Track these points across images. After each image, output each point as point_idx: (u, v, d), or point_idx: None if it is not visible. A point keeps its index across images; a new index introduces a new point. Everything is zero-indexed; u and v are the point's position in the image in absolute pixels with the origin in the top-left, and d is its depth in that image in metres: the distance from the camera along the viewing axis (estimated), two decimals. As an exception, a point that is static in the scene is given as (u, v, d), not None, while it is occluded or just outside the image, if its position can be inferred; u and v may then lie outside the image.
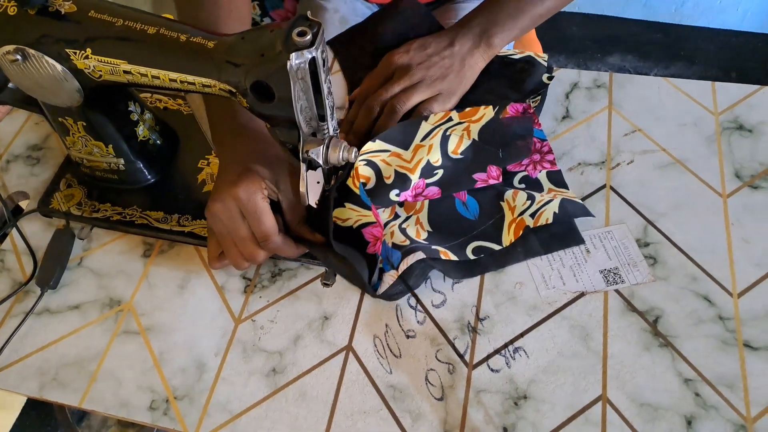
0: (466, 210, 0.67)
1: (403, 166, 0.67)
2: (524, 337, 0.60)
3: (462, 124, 0.68)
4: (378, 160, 0.68)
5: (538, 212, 0.64)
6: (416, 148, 0.68)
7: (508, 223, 0.66)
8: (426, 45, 0.74)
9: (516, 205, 0.66)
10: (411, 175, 0.67)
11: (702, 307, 0.61)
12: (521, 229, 0.64)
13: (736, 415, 0.55)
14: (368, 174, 0.67)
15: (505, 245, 0.65)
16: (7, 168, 0.77)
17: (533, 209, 0.65)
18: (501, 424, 0.56)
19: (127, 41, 0.55)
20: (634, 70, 1.90)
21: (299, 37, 0.49)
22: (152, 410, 0.59)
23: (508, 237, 0.65)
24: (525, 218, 0.65)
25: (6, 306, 0.67)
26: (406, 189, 0.67)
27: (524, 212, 0.65)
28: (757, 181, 0.68)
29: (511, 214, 0.66)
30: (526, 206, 0.65)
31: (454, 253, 0.65)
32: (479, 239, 0.65)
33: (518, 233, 0.64)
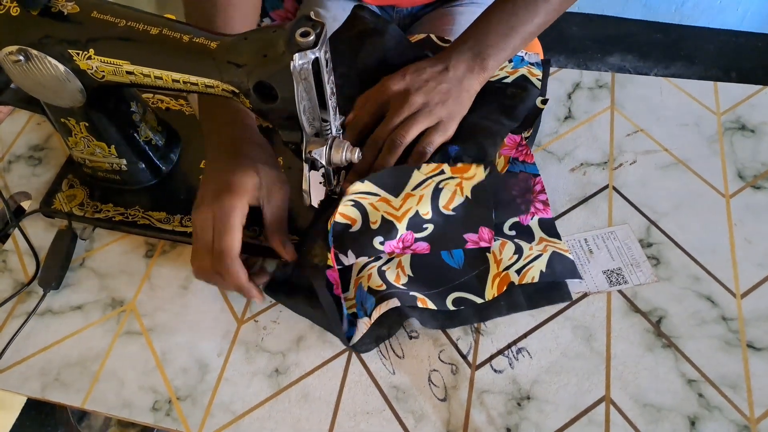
0: (450, 258, 0.64)
1: (390, 213, 0.64)
2: (527, 337, 0.60)
3: (455, 179, 0.65)
4: (366, 203, 0.64)
5: (525, 269, 0.62)
6: (406, 197, 0.65)
7: (493, 276, 0.62)
8: (421, 70, 0.71)
9: (502, 258, 0.63)
10: (398, 224, 0.63)
11: (705, 307, 0.61)
12: (505, 284, 0.61)
13: (739, 415, 0.55)
14: (354, 216, 0.64)
15: (487, 299, 0.61)
16: (9, 168, 0.77)
17: (519, 265, 0.62)
18: (504, 424, 0.56)
19: (130, 42, 0.55)
20: (634, 70, 1.90)
21: (302, 38, 0.49)
22: (155, 411, 0.59)
23: (491, 291, 0.62)
24: (510, 273, 0.61)
25: (8, 306, 0.67)
26: (391, 238, 0.63)
27: (510, 267, 0.62)
28: (759, 181, 0.68)
29: (497, 268, 0.63)
30: (512, 261, 0.62)
31: (433, 302, 0.61)
32: (461, 290, 0.62)
33: (502, 288, 0.61)
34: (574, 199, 0.68)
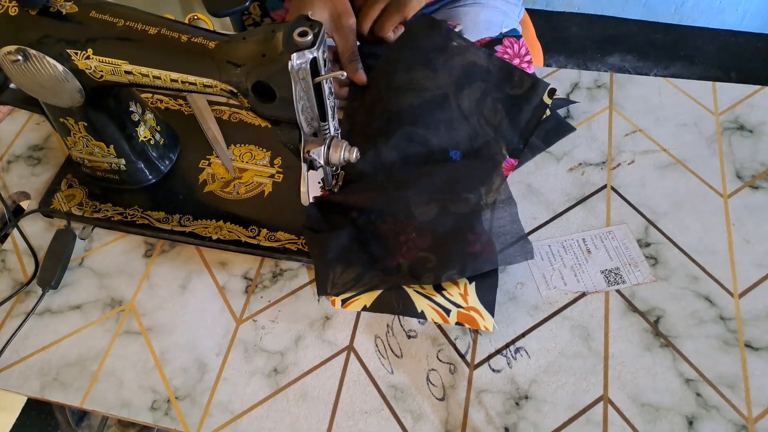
0: None
1: None
2: (525, 337, 0.60)
3: None
4: None
5: None
6: None
7: None
8: None
9: None
10: None
11: (703, 307, 0.61)
12: None
13: (737, 415, 0.55)
14: None
15: None
16: (8, 168, 0.77)
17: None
18: (502, 424, 0.56)
19: (129, 41, 0.55)
20: (634, 70, 1.90)
21: (300, 38, 0.49)
22: (154, 410, 0.59)
23: None
24: None
25: (7, 306, 0.67)
26: None
27: None
28: (757, 181, 0.68)
29: None
30: None
31: None
32: None
33: None
34: (572, 199, 0.69)
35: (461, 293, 0.61)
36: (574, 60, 1.94)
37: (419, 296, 0.62)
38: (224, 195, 0.71)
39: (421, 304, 0.61)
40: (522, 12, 1.06)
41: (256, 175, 0.72)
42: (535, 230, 0.67)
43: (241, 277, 0.67)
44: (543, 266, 0.64)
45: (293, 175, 0.72)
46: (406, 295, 0.62)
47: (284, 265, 0.67)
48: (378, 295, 0.62)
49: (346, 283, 0.63)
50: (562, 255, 0.65)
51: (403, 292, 0.62)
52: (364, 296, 0.63)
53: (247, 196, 0.71)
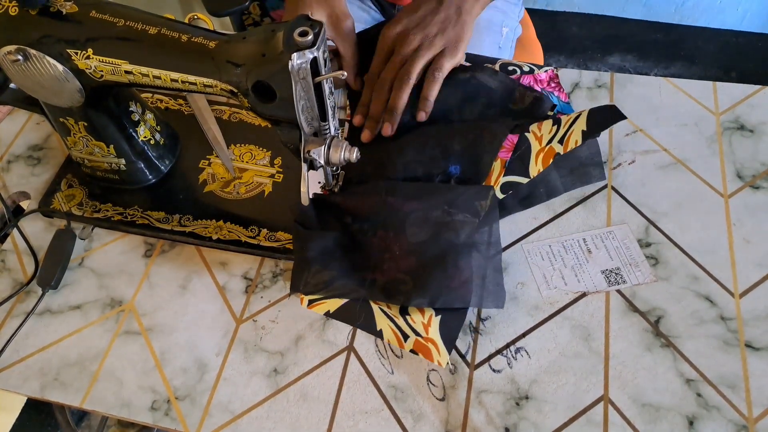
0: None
1: None
2: (526, 337, 0.60)
3: None
4: None
5: (566, 136, 0.63)
6: None
7: (536, 153, 0.65)
8: (416, 8, 0.72)
9: (542, 134, 0.65)
10: None
11: (703, 307, 0.61)
12: (551, 157, 0.64)
13: (737, 415, 0.55)
14: None
15: (532, 176, 0.65)
16: (8, 168, 0.77)
17: (560, 134, 0.64)
18: (503, 424, 0.56)
19: (129, 41, 0.55)
20: (634, 70, 1.90)
21: (300, 37, 0.49)
22: (154, 410, 0.59)
23: (535, 167, 0.65)
24: (554, 146, 0.63)
25: (7, 306, 0.67)
26: None
27: (552, 140, 0.64)
28: (758, 181, 0.68)
29: (539, 144, 0.65)
30: (553, 132, 0.64)
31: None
32: (507, 174, 0.65)
33: (547, 162, 0.64)
34: (572, 199, 0.68)
35: (424, 322, 0.59)
36: (575, 60, 1.94)
37: (382, 314, 0.60)
38: (224, 195, 0.71)
39: (381, 323, 0.59)
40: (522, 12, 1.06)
41: (256, 175, 0.72)
42: (535, 230, 0.67)
43: (241, 277, 0.66)
44: (543, 266, 0.64)
45: (293, 175, 0.72)
46: (370, 310, 0.60)
47: (284, 265, 0.67)
48: (343, 303, 0.61)
49: (317, 284, 0.61)
50: (562, 255, 0.65)
51: (368, 307, 0.60)
52: (331, 301, 0.61)
53: (247, 196, 0.71)
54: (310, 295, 0.61)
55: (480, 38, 0.93)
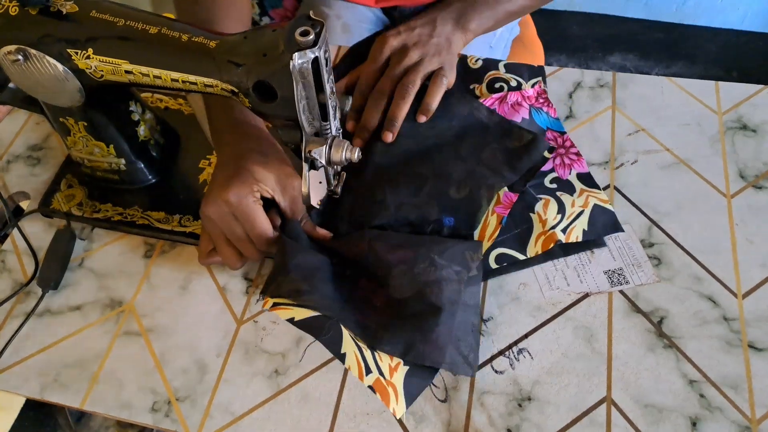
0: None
1: None
2: (528, 338, 0.60)
3: None
4: None
5: (569, 228, 0.64)
6: None
7: (537, 234, 0.65)
8: (413, 26, 0.74)
9: (547, 218, 0.65)
10: None
11: (706, 307, 0.60)
12: (551, 242, 0.63)
13: (740, 416, 0.55)
14: None
15: (529, 256, 0.63)
16: (7, 168, 0.77)
17: (564, 224, 0.64)
18: (505, 425, 0.56)
19: (129, 41, 0.55)
20: (635, 69, 1.90)
21: (302, 37, 0.49)
22: (154, 412, 0.59)
23: (534, 249, 0.64)
24: (557, 233, 0.64)
25: (7, 307, 0.66)
26: None
27: (555, 226, 0.64)
28: (761, 181, 0.68)
29: (542, 227, 0.65)
30: (557, 220, 0.65)
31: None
32: (503, 246, 0.64)
33: (547, 246, 0.63)
34: (575, 199, 0.68)
35: (391, 365, 0.56)
36: (575, 59, 1.94)
37: (350, 340, 0.56)
38: (225, 195, 0.71)
39: (347, 347, 0.55)
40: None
41: (257, 175, 0.72)
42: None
43: (241, 278, 0.66)
44: (546, 267, 0.64)
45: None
46: (340, 330, 0.56)
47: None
48: (312, 315, 0.56)
49: (290, 291, 0.57)
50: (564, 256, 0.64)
51: (338, 327, 0.56)
52: (298, 309, 0.56)
53: (248, 196, 0.70)
54: (279, 299, 0.57)
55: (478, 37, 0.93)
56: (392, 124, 0.70)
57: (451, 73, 0.73)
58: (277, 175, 0.61)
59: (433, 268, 0.59)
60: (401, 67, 0.72)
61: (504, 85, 0.76)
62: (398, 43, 0.74)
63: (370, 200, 0.67)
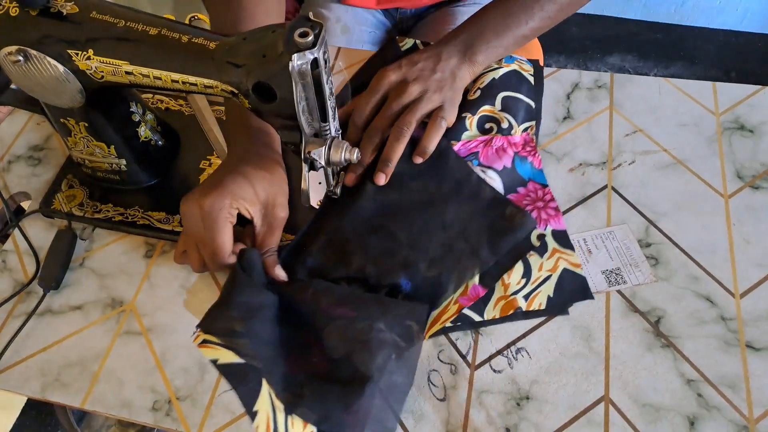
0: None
1: None
2: (526, 337, 0.60)
3: None
4: None
5: (533, 294, 0.61)
6: None
7: (497, 298, 0.62)
8: (415, 60, 0.71)
9: (510, 282, 0.62)
10: None
11: (704, 307, 0.61)
12: (511, 309, 0.61)
13: (738, 415, 0.55)
14: None
15: (486, 318, 0.61)
16: (8, 168, 0.77)
17: (527, 290, 0.62)
18: (503, 424, 0.56)
19: (129, 42, 0.55)
20: (634, 70, 1.90)
21: (301, 38, 0.49)
22: (155, 411, 0.59)
23: (492, 312, 0.61)
24: (518, 299, 0.61)
25: (8, 306, 0.67)
26: None
27: (518, 292, 0.62)
28: (758, 181, 0.68)
29: (504, 291, 0.62)
30: (520, 285, 0.62)
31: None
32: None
33: (506, 312, 0.61)
34: (572, 199, 0.69)
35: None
36: (574, 60, 1.94)
37: (267, 397, 0.53)
38: (225, 195, 0.71)
39: (261, 405, 0.52)
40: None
41: (257, 175, 0.72)
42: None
43: (241, 278, 0.66)
44: (544, 266, 0.64)
45: (294, 176, 0.71)
46: (259, 384, 0.53)
47: (285, 265, 0.67)
48: (237, 361, 0.54)
49: (224, 329, 0.55)
50: (562, 255, 0.65)
51: (259, 380, 0.54)
52: (225, 352, 0.54)
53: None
54: (210, 336, 0.55)
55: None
56: (386, 165, 0.67)
57: (451, 111, 0.70)
58: (267, 199, 0.61)
59: (368, 330, 0.56)
60: (398, 105, 0.69)
61: (494, 126, 0.72)
62: (397, 78, 0.71)
63: (337, 252, 0.64)
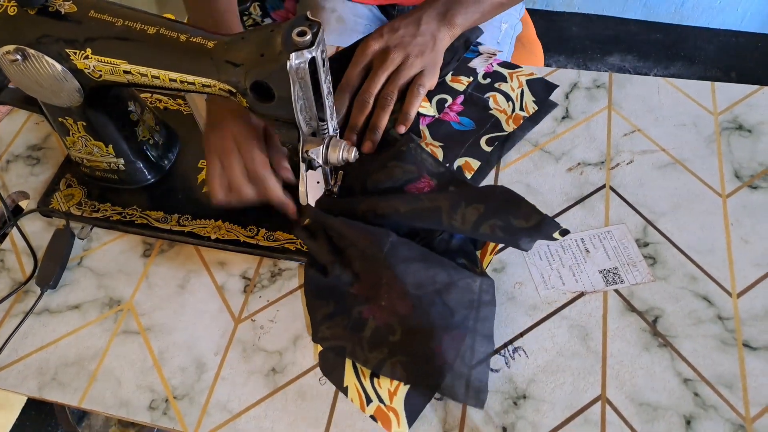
0: (461, 126, 0.74)
1: None
2: (524, 336, 0.60)
3: None
4: None
5: (523, 105, 0.75)
6: None
7: (505, 121, 0.74)
8: (396, 27, 0.75)
9: (504, 108, 0.75)
10: None
11: (701, 307, 0.61)
12: (519, 121, 0.74)
13: (735, 414, 0.55)
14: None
15: (507, 131, 0.73)
16: (7, 168, 0.78)
17: (518, 105, 0.76)
18: (500, 423, 0.56)
19: (127, 41, 0.55)
20: (634, 70, 1.90)
21: (299, 37, 0.49)
22: (152, 410, 0.59)
23: (509, 127, 0.74)
24: (518, 113, 0.75)
25: (6, 305, 0.67)
26: None
27: (514, 111, 0.75)
28: (756, 181, 0.68)
29: (505, 115, 0.75)
30: (511, 107, 0.75)
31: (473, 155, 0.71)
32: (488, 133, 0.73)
33: (518, 122, 0.74)
34: (570, 199, 0.69)
35: (390, 389, 0.57)
36: (574, 60, 1.94)
37: (352, 372, 0.59)
38: (223, 195, 0.71)
39: (349, 380, 0.58)
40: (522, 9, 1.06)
41: (255, 174, 0.72)
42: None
43: (239, 277, 0.67)
44: (541, 266, 0.64)
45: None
46: (342, 364, 0.59)
47: (283, 264, 0.67)
48: (323, 349, 0.60)
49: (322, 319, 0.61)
50: (560, 255, 0.65)
51: (341, 361, 0.59)
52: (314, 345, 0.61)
53: (246, 196, 0.71)
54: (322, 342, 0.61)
55: None
56: (374, 133, 0.71)
57: (431, 75, 0.74)
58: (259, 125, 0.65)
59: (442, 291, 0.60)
60: (383, 72, 0.73)
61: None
62: (379, 46, 0.75)
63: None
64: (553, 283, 0.63)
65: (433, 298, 0.59)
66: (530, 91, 0.76)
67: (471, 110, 0.76)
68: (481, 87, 0.78)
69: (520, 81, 0.77)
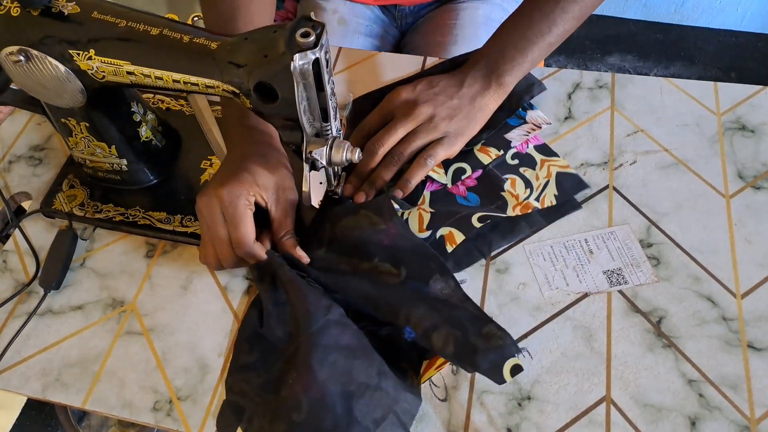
0: (467, 201, 0.69)
1: None
2: (528, 337, 0.60)
3: None
4: None
5: (541, 196, 0.68)
6: None
7: (513, 206, 0.68)
8: (434, 83, 0.71)
9: (518, 193, 0.68)
10: None
11: (705, 307, 0.61)
12: (528, 209, 0.67)
13: (739, 416, 0.55)
14: None
15: (509, 214, 0.67)
16: (9, 168, 0.77)
17: (535, 195, 0.68)
18: (505, 425, 0.56)
19: (130, 42, 0.55)
20: (634, 70, 1.90)
21: (302, 38, 0.49)
22: (155, 411, 0.59)
23: (513, 213, 0.68)
24: (531, 202, 0.68)
25: (9, 307, 0.67)
26: None
27: (528, 198, 0.68)
28: (759, 181, 0.68)
29: (516, 200, 0.68)
30: (527, 194, 0.68)
31: (459, 227, 0.65)
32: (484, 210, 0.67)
33: (525, 211, 0.67)
34: (574, 200, 0.69)
35: None
36: (574, 60, 1.94)
37: None
38: (226, 195, 0.71)
39: None
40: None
41: (258, 175, 0.72)
42: (537, 231, 0.67)
43: (242, 278, 0.66)
44: (545, 267, 0.64)
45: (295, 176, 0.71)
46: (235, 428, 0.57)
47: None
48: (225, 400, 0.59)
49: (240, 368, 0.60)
50: (564, 255, 0.65)
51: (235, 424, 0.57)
52: None
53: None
54: None
55: (477, 33, 0.93)
56: (371, 187, 0.68)
57: (449, 145, 0.68)
58: (276, 184, 0.62)
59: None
60: (402, 126, 0.68)
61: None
62: (409, 97, 0.70)
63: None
64: (557, 284, 0.63)
65: (335, 400, 0.53)
66: (556, 184, 0.69)
67: (482, 188, 0.69)
68: (504, 166, 0.71)
69: (550, 171, 0.70)
